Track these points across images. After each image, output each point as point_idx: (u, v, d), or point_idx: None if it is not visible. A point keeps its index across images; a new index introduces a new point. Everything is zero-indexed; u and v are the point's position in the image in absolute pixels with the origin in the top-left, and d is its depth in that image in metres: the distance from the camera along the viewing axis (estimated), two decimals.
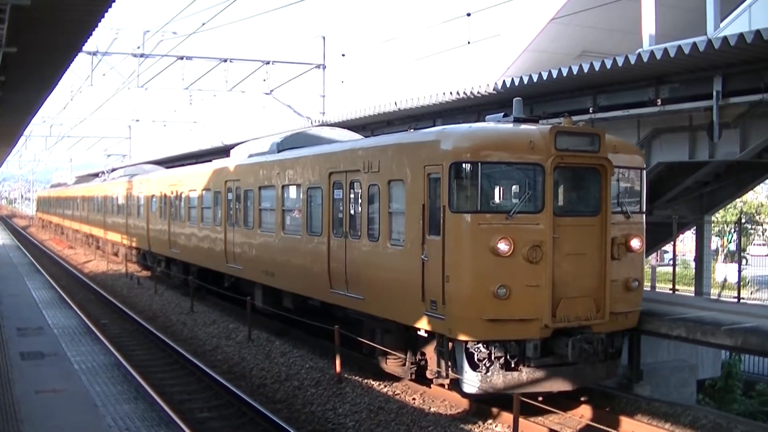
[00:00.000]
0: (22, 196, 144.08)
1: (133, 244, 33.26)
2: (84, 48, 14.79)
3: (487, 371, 11.30)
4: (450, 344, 11.69)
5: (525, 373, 11.41)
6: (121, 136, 58.68)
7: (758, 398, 21.04)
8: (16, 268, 33.68)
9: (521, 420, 10.50)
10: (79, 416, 11.07)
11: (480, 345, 11.29)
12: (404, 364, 13.26)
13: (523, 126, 12.17)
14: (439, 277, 11.52)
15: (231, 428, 11.93)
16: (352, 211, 14.22)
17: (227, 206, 20.80)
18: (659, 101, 15.18)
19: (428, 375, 12.51)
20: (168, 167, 36.34)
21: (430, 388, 12.99)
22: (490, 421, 11.68)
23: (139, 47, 27.07)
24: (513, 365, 11.39)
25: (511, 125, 12.36)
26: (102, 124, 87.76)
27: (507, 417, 11.30)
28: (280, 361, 15.58)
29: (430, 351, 12.37)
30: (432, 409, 12.38)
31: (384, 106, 21.09)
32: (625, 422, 11.55)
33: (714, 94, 13.95)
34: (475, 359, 11.28)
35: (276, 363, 15.47)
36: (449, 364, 11.79)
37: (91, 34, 12.52)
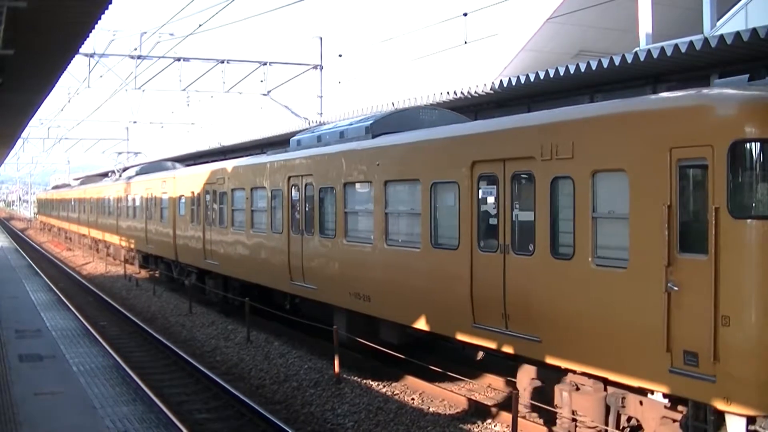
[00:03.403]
0: (20, 199, 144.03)
1: (155, 253, 29.28)
2: (81, 50, 14.80)
3: None
4: (717, 418, 8.11)
5: None
6: (119, 137, 58.62)
7: None
8: (15, 270, 33.66)
9: (520, 419, 10.49)
10: (77, 418, 11.06)
11: None
12: None
13: None
14: (706, 319, 7.84)
15: (230, 429, 11.92)
16: (515, 216, 10.53)
17: (291, 208, 16.82)
18: None
19: None
20: (189, 164, 32.24)
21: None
22: (489, 421, 11.68)
23: (136, 49, 27.05)
24: None
25: None
26: (100, 125, 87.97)
27: (506, 416, 11.29)
28: (279, 362, 15.59)
29: (661, 421, 8.90)
30: (431, 409, 12.38)
31: (381, 107, 21.10)
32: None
33: None
34: None
35: (275, 364, 15.48)
36: None
37: (88, 36, 12.50)
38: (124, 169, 42.27)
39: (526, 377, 10.75)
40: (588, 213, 9.27)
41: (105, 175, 50.27)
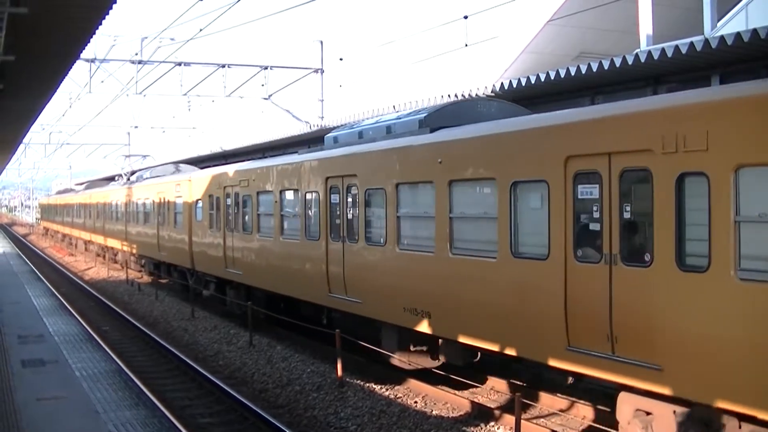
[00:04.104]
0: (22, 204, 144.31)
1: (168, 261, 27.58)
2: (82, 55, 14.83)
3: None
4: None
5: None
6: (120, 142, 58.70)
7: None
8: (17, 276, 33.70)
9: (523, 422, 10.48)
10: (80, 423, 11.07)
11: None
12: None
13: None
14: None
15: None
16: (624, 221, 8.89)
17: (330, 213, 15.06)
18: None
19: None
20: (202, 167, 30.09)
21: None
22: (492, 423, 11.67)
23: (137, 54, 27.07)
24: None
25: None
26: (101, 130, 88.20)
27: (509, 419, 11.29)
28: (282, 365, 15.59)
29: None
30: (434, 412, 12.37)
31: (382, 110, 21.10)
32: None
33: None
34: None
35: (277, 368, 15.47)
36: None
37: (88, 42, 12.55)
38: (132, 173, 40.23)
39: (630, 408, 9.11)
40: (729, 216, 7.69)
41: (111, 179, 48.26)
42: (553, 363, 9.92)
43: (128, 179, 38.52)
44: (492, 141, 11.08)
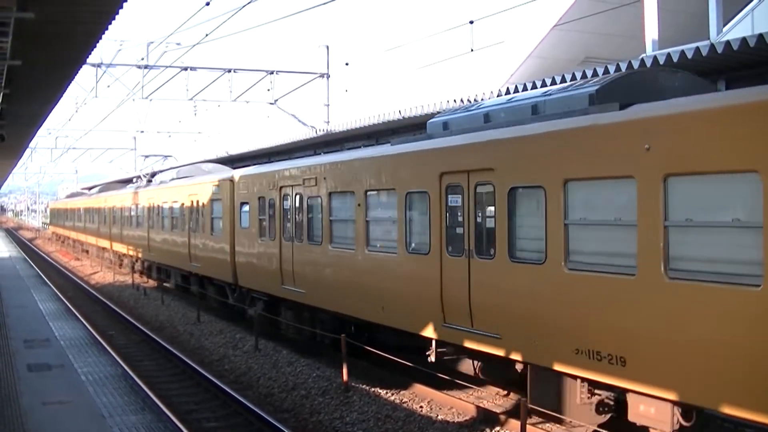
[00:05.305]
0: (28, 208, 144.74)
1: (203, 273, 23.97)
2: (88, 60, 14.88)
3: None
4: None
5: None
6: (127, 147, 58.89)
7: None
8: (23, 280, 33.80)
9: (528, 426, 10.45)
10: (86, 427, 11.08)
11: None
12: None
13: None
14: None
15: None
16: None
17: (448, 219, 11.84)
18: None
19: None
20: (236, 167, 26.06)
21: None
22: (497, 429, 11.65)
23: (143, 58, 27.15)
24: None
25: None
26: (107, 135, 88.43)
27: (515, 423, 11.26)
28: (287, 370, 15.58)
29: None
30: (439, 417, 12.35)
31: (388, 115, 21.13)
32: (633, 428, 11.51)
33: None
34: None
35: (283, 372, 15.47)
36: None
37: (95, 47, 12.59)
38: (153, 174, 36.48)
39: None
40: None
41: (129, 181, 44.22)
42: None
43: (149, 181, 35.01)
44: (748, 115, 7.80)
